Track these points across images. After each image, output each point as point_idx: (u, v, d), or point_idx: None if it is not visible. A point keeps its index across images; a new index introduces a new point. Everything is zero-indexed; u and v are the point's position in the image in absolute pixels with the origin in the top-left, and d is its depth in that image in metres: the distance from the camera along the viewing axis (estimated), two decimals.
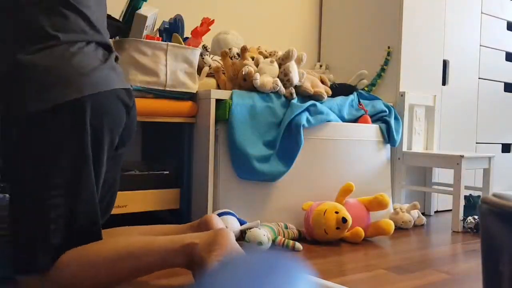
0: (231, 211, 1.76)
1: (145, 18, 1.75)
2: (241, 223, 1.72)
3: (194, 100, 1.88)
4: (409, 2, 2.45)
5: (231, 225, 1.67)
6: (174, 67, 1.79)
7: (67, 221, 1.11)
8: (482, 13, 2.84)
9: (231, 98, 1.85)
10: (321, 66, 2.82)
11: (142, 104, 1.74)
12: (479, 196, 2.37)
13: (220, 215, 1.68)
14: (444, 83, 2.65)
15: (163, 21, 1.94)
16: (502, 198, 0.65)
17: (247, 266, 0.49)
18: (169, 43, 1.79)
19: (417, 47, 2.51)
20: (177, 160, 1.93)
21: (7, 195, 1.30)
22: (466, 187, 2.26)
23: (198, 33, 1.88)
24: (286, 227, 1.83)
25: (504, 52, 2.99)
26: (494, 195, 0.68)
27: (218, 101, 1.84)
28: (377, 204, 1.93)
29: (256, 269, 0.49)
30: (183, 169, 1.90)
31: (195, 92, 1.86)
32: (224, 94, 1.86)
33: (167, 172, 1.85)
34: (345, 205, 1.91)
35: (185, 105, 1.85)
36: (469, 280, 1.42)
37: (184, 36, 1.96)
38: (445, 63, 2.65)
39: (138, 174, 1.83)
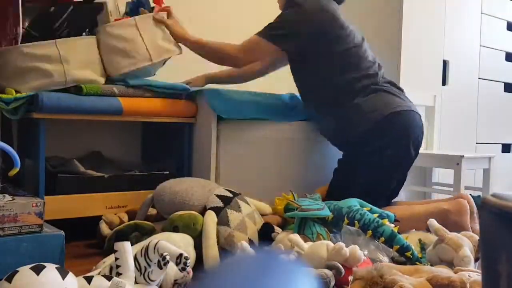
0: None
1: (104, 4, 1.75)
2: None
3: (194, 99, 1.88)
4: (409, 2, 2.45)
5: None
6: (150, 37, 1.77)
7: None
8: (482, 13, 2.84)
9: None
10: None
11: (142, 104, 1.74)
12: (479, 196, 2.37)
13: None
14: (444, 83, 2.65)
15: (126, 2, 1.92)
16: (502, 199, 0.65)
17: (246, 265, 0.49)
18: (135, 17, 1.77)
19: (417, 47, 2.51)
20: (177, 160, 1.93)
21: (7, 195, 1.30)
22: (466, 187, 2.26)
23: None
24: None
25: (504, 52, 2.99)
26: (494, 195, 0.68)
27: None
28: None
29: (254, 268, 0.49)
30: (183, 169, 1.90)
31: (179, 53, 1.85)
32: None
33: (167, 172, 1.85)
34: None
35: (185, 105, 1.85)
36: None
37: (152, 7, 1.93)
38: (445, 63, 2.65)
39: (138, 174, 1.83)
